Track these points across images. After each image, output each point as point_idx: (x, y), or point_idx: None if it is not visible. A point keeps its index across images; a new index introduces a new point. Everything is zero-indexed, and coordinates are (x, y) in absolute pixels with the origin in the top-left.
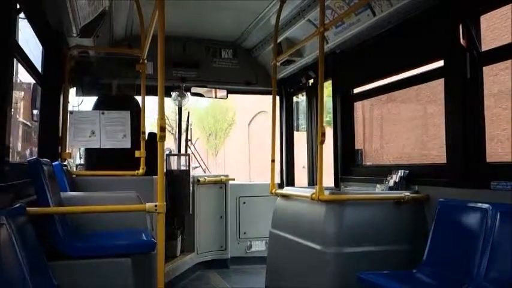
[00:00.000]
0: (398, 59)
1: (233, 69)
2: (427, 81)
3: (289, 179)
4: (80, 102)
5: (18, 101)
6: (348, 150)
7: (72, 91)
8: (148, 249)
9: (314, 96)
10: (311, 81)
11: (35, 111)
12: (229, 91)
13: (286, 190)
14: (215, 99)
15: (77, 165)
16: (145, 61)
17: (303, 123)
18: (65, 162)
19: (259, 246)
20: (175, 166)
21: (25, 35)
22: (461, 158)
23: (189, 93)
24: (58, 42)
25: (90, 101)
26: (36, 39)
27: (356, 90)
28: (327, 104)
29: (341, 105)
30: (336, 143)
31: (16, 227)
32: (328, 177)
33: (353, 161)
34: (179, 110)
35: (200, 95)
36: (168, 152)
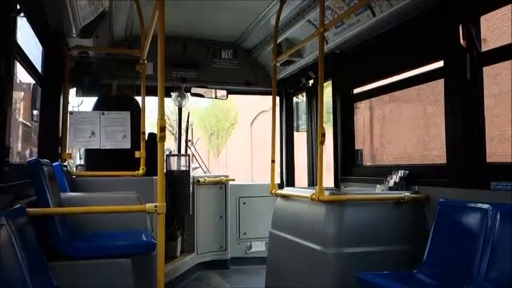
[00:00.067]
0: (398, 60)
1: (233, 69)
2: (427, 82)
3: (289, 180)
4: (80, 103)
5: (18, 101)
6: (348, 151)
7: (72, 91)
8: (148, 249)
9: (314, 96)
10: (311, 82)
11: (35, 112)
12: (229, 91)
13: (286, 190)
14: (216, 99)
15: (77, 165)
16: (145, 61)
17: (303, 124)
18: (65, 163)
19: (259, 247)
20: (175, 167)
21: (25, 36)
22: (462, 158)
23: (189, 94)
24: (58, 42)
25: (90, 101)
26: (36, 39)
27: (356, 91)
28: (327, 104)
29: (341, 106)
30: (336, 143)
31: (16, 227)
32: (328, 177)
33: (353, 162)
34: (179, 110)
35: (200, 96)
36: (168, 152)
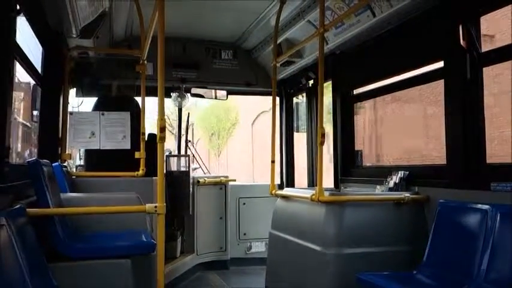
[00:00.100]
0: (398, 60)
1: (233, 70)
2: (427, 82)
3: (289, 180)
4: (79, 103)
5: (18, 101)
6: (348, 151)
7: (72, 92)
8: (148, 250)
9: (314, 97)
10: (311, 82)
11: (34, 112)
12: (229, 92)
13: (286, 191)
14: (216, 100)
15: (76, 166)
16: (145, 62)
17: (303, 124)
18: (65, 163)
19: (259, 247)
20: (175, 167)
21: (25, 36)
22: (462, 159)
23: (189, 94)
24: (58, 43)
25: (90, 101)
26: (36, 40)
27: (356, 91)
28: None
29: (341, 106)
30: (335, 144)
31: (16, 228)
32: (328, 178)
33: (353, 162)
34: (179, 110)
35: (200, 96)
36: (168, 153)
